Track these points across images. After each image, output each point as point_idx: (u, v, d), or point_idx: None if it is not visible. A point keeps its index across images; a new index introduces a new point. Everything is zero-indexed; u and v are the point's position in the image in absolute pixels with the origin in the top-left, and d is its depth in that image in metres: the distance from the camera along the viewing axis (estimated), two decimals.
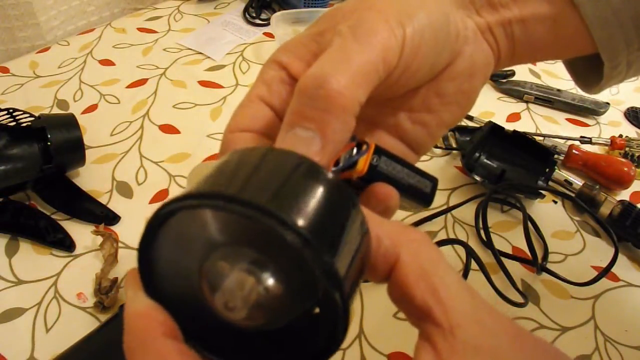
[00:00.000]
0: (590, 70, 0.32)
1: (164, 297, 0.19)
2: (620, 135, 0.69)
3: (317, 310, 0.19)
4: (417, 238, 0.20)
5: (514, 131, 0.62)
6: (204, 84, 0.73)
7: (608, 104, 0.74)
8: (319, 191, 0.17)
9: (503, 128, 0.62)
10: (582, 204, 0.58)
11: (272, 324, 0.19)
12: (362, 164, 0.24)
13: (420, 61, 0.24)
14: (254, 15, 0.88)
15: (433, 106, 0.28)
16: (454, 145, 0.66)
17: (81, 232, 0.53)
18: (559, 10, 0.28)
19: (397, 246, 0.19)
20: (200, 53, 0.79)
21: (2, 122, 0.56)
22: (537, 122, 0.73)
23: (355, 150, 0.24)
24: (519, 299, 0.48)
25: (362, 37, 0.22)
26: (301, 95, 0.21)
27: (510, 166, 0.61)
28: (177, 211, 0.17)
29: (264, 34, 0.84)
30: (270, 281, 0.17)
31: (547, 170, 0.61)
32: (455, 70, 0.27)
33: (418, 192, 0.27)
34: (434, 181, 0.28)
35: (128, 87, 0.72)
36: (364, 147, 0.25)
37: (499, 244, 0.55)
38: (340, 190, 0.18)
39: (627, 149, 0.67)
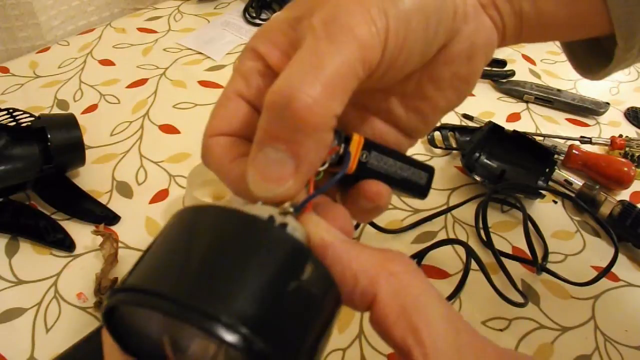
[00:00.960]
0: (591, 55, 0.30)
1: (139, 350, 0.19)
2: (620, 135, 0.69)
3: None
4: (397, 270, 0.18)
5: (514, 131, 0.62)
6: (204, 84, 0.73)
7: (608, 104, 0.74)
8: (255, 271, 0.16)
9: (503, 128, 0.62)
10: (582, 204, 0.58)
11: None
12: (351, 161, 0.23)
13: (408, 52, 0.22)
14: (254, 15, 0.88)
15: (427, 92, 0.25)
16: (454, 145, 0.66)
17: (81, 232, 0.53)
18: None
19: (374, 284, 0.18)
20: (200, 53, 0.79)
21: (2, 122, 0.56)
22: (537, 122, 0.72)
23: (342, 147, 0.23)
24: (519, 299, 0.48)
25: (336, 36, 0.19)
26: (269, 112, 0.19)
27: (510, 166, 0.61)
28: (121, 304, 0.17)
29: None
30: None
31: (547, 170, 0.61)
32: (451, 52, 0.24)
33: (413, 185, 0.26)
34: (429, 171, 0.26)
35: (128, 87, 0.72)
36: (352, 142, 0.23)
37: (499, 244, 0.55)
38: (286, 255, 0.17)
39: (627, 149, 0.67)
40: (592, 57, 0.30)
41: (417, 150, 0.66)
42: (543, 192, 0.59)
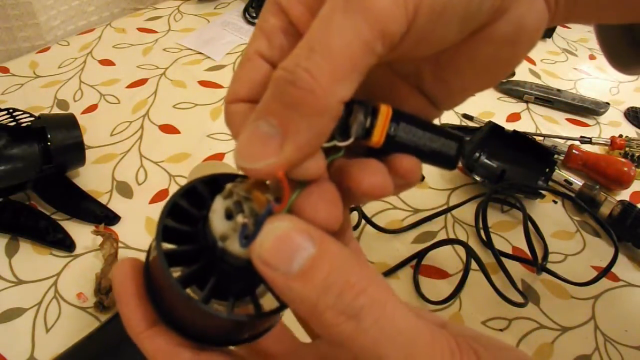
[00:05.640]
0: (629, 48, 0.28)
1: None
2: (620, 135, 0.69)
3: None
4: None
5: (514, 131, 0.62)
6: (204, 84, 0.73)
7: (608, 104, 0.74)
8: None
9: (503, 128, 0.62)
10: (582, 204, 0.58)
11: None
12: (378, 135, 0.21)
13: (442, 27, 0.19)
14: (254, 15, 0.88)
15: (461, 67, 0.23)
16: None
17: (81, 232, 0.53)
18: None
19: None
20: (200, 53, 0.79)
21: (2, 122, 0.56)
22: (537, 122, 0.73)
23: (369, 121, 0.21)
24: (519, 299, 0.48)
25: (354, 5, 0.17)
26: (273, 87, 0.18)
27: (510, 166, 0.61)
28: None
29: None
30: None
31: (547, 170, 0.61)
32: (495, 32, 0.21)
33: (442, 156, 0.24)
34: (459, 141, 0.25)
35: (128, 87, 0.72)
36: (379, 115, 0.21)
37: (499, 244, 0.55)
38: None
39: (627, 149, 0.67)
40: (631, 50, 0.28)
41: None
42: (543, 192, 0.59)
